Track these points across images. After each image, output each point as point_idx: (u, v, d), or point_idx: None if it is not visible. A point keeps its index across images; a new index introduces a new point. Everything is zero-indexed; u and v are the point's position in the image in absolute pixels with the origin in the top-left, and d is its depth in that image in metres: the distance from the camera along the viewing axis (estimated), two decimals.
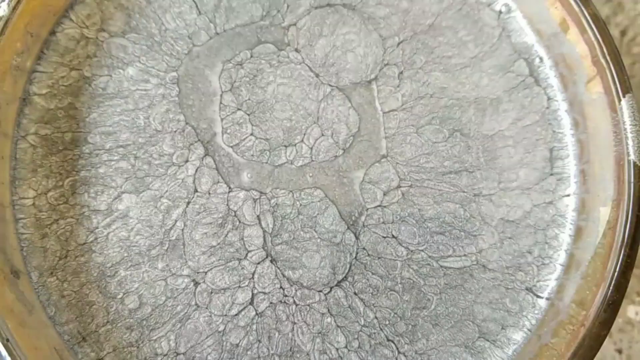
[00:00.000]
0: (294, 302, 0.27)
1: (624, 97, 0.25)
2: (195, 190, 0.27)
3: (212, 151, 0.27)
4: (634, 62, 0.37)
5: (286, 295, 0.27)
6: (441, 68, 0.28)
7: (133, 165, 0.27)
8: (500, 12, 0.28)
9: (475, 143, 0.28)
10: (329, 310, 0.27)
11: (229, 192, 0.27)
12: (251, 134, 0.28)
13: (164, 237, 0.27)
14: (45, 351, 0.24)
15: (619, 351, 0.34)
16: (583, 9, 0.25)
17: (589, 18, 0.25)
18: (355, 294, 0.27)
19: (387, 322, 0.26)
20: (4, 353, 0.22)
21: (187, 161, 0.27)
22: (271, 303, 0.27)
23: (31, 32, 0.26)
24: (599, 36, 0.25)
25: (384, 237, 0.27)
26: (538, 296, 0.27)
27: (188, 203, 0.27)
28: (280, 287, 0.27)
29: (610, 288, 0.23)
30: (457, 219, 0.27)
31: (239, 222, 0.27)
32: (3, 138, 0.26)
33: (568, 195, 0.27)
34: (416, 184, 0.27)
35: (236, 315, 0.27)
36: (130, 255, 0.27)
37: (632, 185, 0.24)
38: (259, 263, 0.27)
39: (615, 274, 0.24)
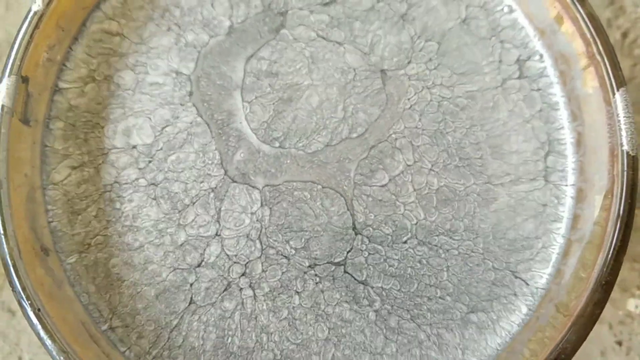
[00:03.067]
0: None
1: (618, 90, 0.26)
2: (225, 170, 0.29)
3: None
4: (635, 64, 0.37)
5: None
6: (449, 71, 0.29)
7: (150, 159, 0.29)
8: (502, 12, 0.29)
9: (480, 138, 0.29)
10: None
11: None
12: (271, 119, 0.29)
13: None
14: (73, 323, 0.25)
15: (619, 343, 0.35)
16: (580, 8, 0.26)
17: (585, 17, 0.26)
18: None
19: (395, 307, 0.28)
20: (36, 321, 0.23)
21: (202, 152, 0.29)
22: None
23: (62, 26, 0.28)
24: (594, 33, 0.26)
25: (388, 228, 0.28)
26: (535, 281, 0.27)
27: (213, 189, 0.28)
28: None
29: (604, 270, 0.24)
30: (455, 211, 0.28)
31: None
32: (35, 124, 0.27)
33: (566, 185, 0.28)
34: (421, 173, 0.28)
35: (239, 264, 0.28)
36: (156, 228, 0.28)
37: (625, 173, 0.25)
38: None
39: (609, 257, 0.24)
